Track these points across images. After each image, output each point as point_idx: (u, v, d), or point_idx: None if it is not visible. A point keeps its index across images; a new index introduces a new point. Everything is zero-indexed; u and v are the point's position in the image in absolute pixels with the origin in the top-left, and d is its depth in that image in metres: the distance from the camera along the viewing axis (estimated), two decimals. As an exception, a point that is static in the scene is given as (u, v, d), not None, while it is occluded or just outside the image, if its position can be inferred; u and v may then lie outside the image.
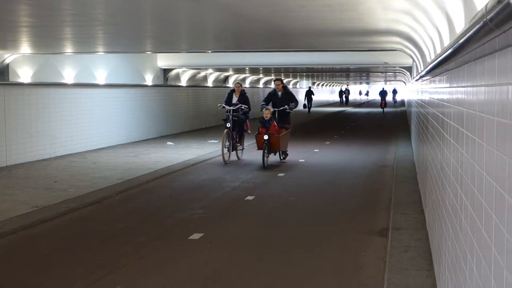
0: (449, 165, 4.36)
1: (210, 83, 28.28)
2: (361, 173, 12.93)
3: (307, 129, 26.57)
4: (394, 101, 59.38)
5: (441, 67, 5.17)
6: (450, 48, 3.41)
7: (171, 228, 7.79)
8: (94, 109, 17.20)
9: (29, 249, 6.85)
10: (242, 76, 33.15)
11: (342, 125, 29.43)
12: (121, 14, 8.25)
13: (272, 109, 14.02)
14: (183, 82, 24.71)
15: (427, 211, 7.16)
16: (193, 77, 25.73)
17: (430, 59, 7.39)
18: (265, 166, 13.13)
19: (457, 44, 2.99)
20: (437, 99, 6.26)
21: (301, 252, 6.65)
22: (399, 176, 11.70)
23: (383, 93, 46.54)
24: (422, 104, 10.71)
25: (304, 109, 43.76)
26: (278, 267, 6.10)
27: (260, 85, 38.54)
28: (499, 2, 1.73)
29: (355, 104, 65.07)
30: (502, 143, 2.25)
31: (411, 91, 22.69)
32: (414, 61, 13.55)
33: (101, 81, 17.95)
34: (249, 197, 9.83)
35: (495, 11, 1.81)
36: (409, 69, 21.34)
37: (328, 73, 38.26)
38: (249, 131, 14.96)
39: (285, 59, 21.14)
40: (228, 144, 14.18)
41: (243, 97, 14.77)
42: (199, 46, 14.32)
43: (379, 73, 39.07)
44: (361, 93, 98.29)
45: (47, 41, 11.66)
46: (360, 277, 5.77)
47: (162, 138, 20.89)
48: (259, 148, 13.56)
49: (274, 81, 14.90)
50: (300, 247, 6.86)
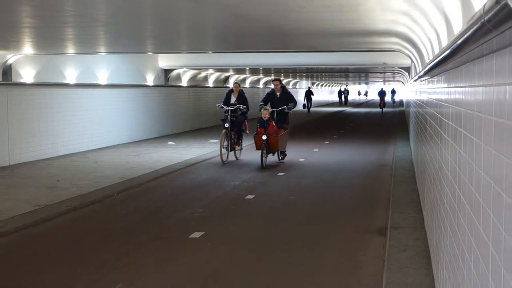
0: (447, 165, 4.36)
1: (210, 83, 28.29)
2: (360, 172, 12.96)
3: (307, 128, 26.57)
4: (392, 101, 59.37)
5: (439, 67, 5.16)
6: (448, 48, 3.40)
7: (172, 227, 7.81)
8: (95, 109, 17.23)
9: (31, 248, 6.86)
10: (242, 76, 33.15)
11: (341, 125, 29.42)
12: (122, 14, 8.25)
13: (270, 109, 13.93)
14: (184, 82, 24.73)
15: (426, 210, 7.16)
16: (194, 78, 25.75)
17: (428, 59, 7.37)
18: (263, 166, 13.08)
19: (455, 44, 2.99)
20: (435, 99, 6.24)
21: (300, 251, 6.67)
22: (397, 175, 11.71)
23: (382, 93, 46.52)
24: (420, 104, 10.68)
25: (303, 109, 43.87)
26: (277, 265, 6.11)
27: (260, 85, 38.55)
28: (497, 2, 1.73)
29: (354, 104, 65.05)
30: (499, 143, 2.26)
31: (409, 91, 22.62)
32: (412, 61, 13.55)
33: (103, 81, 17.98)
34: (249, 196, 9.86)
35: (492, 12, 1.81)
36: (408, 69, 21.36)
37: (327, 74, 38.24)
38: (247, 131, 14.89)
39: (285, 59, 21.16)
40: (226, 144, 14.11)
41: (242, 97, 14.67)
42: (199, 46, 14.31)
43: (378, 74, 39.07)
44: (360, 93, 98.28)
45: (49, 42, 11.67)
46: (359, 276, 5.79)
47: (163, 137, 20.90)
48: (258, 148, 13.48)
49: (272, 81, 14.81)
50: (299, 246, 6.87)
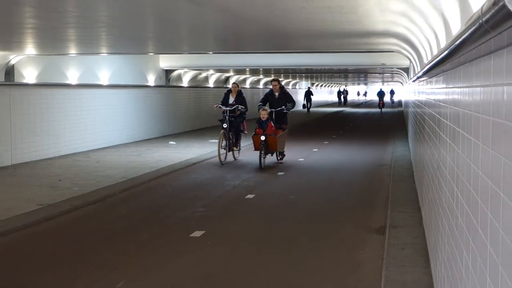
0: (446, 164, 4.38)
1: (211, 83, 28.33)
2: (359, 172, 13.00)
3: (307, 128, 26.60)
4: (391, 101, 59.38)
5: (437, 68, 5.16)
6: (446, 49, 3.39)
7: (173, 226, 7.85)
8: (97, 109, 17.27)
9: (33, 247, 6.89)
10: (242, 77, 33.17)
11: (340, 125, 29.46)
12: (124, 16, 8.27)
13: (269, 110, 13.87)
14: (185, 82, 24.77)
15: (424, 209, 7.19)
16: (194, 78, 25.78)
17: (426, 60, 7.35)
18: (261, 167, 12.98)
19: (453, 45, 2.99)
20: (434, 100, 6.26)
21: (300, 249, 6.70)
22: (396, 175, 11.76)
23: (381, 94, 46.51)
24: (419, 104, 10.70)
25: (303, 109, 43.96)
26: (278, 264, 6.14)
27: (260, 85, 38.61)
28: (494, 4, 1.73)
29: (353, 104, 64.99)
30: (497, 143, 2.27)
31: (408, 91, 22.63)
32: (411, 62, 13.55)
33: (105, 81, 17.99)
34: (250, 196, 9.90)
35: (490, 13, 1.81)
36: (406, 70, 21.37)
37: (327, 74, 38.22)
38: (246, 132, 14.85)
39: (285, 60, 21.19)
40: (224, 144, 14.06)
41: (240, 98, 14.60)
42: (200, 47, 14.29)
43: (377, 74, 39.08)
44: (359, 94, 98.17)
45: (51, 43, 11.69)
46: (358, 274, 5.83)
47: (164, 137, 20.93)
48: (256, 149, 13.38)
49: (271, 81, 14.72)
50: (299, 244, 6.91)
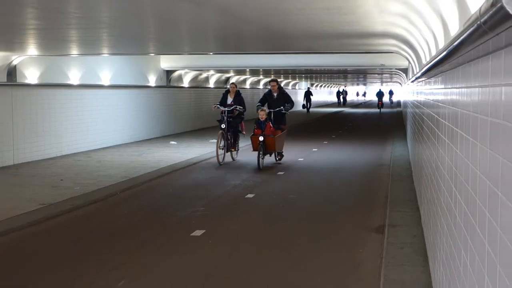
0: (444, 164, 4.41)
1: (211, 84, 28.39)
2: (358, 171, 13.03)
3: (306, 128, 26.63)
4: (390, 102, 59.45)
5: (436, 68, 5.18)
6: (445, 50, 3.40)
7: (174, 225, 7.88)
8: (99, 109, 17.31)
9: (34, 246, 6.91)
10: (243, 77, 33.21)
11: (340, 125, 29.49)
12: (125, 17, 8.29)
13: (267, 110, 13.84)
14: (186, 83, 24.81)
15: (423, 208, 7.21)
16: (195, 78, 25.83)
17: (425, 61, 7.39)
18: (260, 168, 12.94)
19: (451, 46, 3.01)
20: (432, 100, 6.29)
21: (300, 249, 6.73)
22: (395, 174, 11.79)
23: (380, 94, 46.61)
24: (417, 105, 10.72)
25: (303, 109, 44.05)
26: (277, 263, 6.17)
27: (260, 86, 38.66)
28: (492, 5, 1.73)
29: (352, 104, 65.02)
30: (495, 143, 2.29)
31: (407, 92, 22.62)
32: (410, 63, 13.56)
33: (106, 82, 18.03)
34: (249, 195, 9.93)
35: (488, 14, 1.82)
36: (405, 70, 21.42)
37: (326, 75, 38.27)
38: (244, 132, 14.81)
39: (284, 61, 21.25)
40: (222, 145, 14.01)
41: (238, 98, 14.54)
42: (200, 48, 14.29)
43: (376, 75, 39.13)
44: (358, 94, 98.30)
45: (53, 43, 11.70)
46: (357, 273, 5.86)
47: (165, 137, 20.96)
48: (255, 149, 13.31)
49: (269, 82, 14.68)
50: (299, 244, 6.94)
